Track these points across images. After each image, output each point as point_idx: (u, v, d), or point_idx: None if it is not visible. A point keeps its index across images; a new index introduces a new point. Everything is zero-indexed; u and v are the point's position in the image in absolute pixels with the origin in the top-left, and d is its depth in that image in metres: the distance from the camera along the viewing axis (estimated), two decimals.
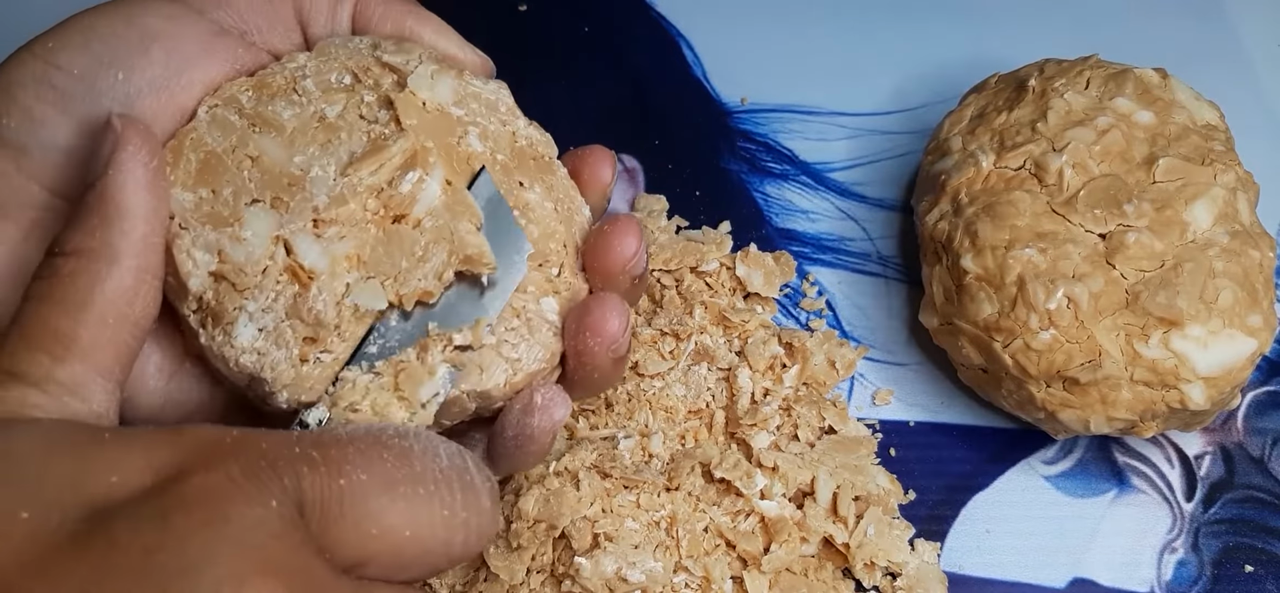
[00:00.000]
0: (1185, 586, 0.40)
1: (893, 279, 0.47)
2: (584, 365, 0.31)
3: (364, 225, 0.30)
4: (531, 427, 0.30)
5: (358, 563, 0.23)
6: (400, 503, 0.23)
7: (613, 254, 0.32)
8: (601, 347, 0.31)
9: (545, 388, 0.31)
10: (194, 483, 0.21)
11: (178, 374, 0.31)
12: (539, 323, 0.31)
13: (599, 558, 0.36)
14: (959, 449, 0.43)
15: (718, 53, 0.53)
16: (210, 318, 0.29)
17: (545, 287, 0.31)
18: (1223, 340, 0.38)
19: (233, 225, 0.29)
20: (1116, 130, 0.40)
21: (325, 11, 0.33)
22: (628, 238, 0.32)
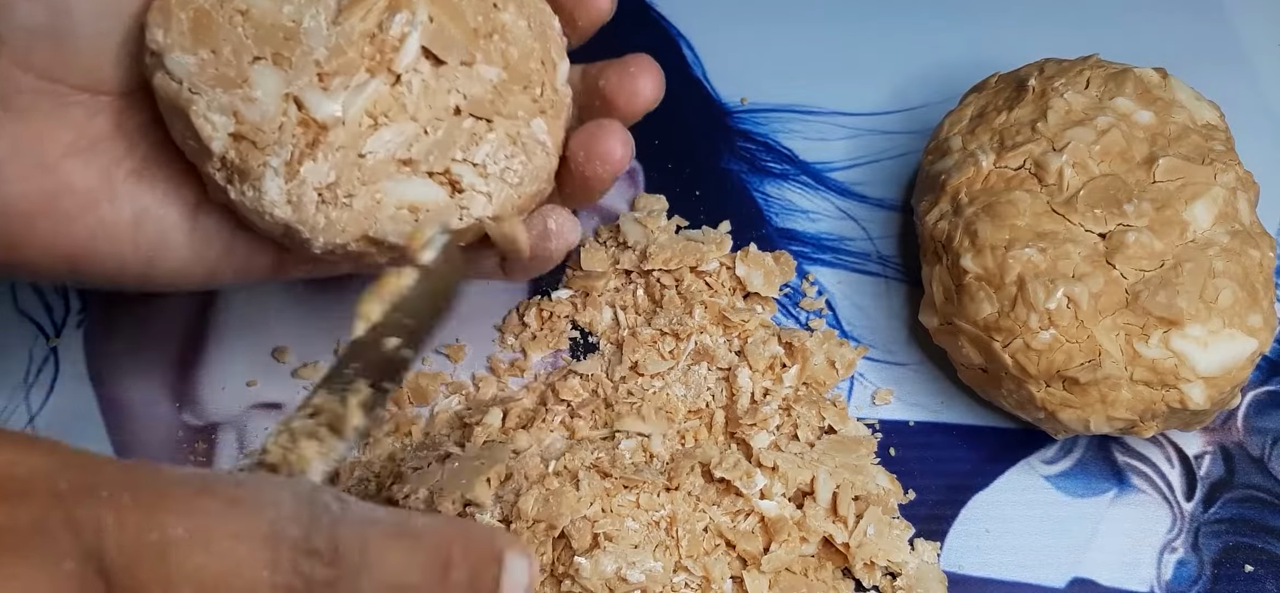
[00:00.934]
0: (1185, 585, 0.40)
1: (893, 279, 0.47)
2: (590, 187, 0.34)
3: (362, 72, 0.32)
4: (549, 250, 0.34)
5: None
6: (219, 561, 0.20)
7: (636, 98, 0.34)
8: (609, 172, 0.34)
9: (556, 212, 0.34)
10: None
11: (198, 225, 0.32)
12: (533, 146, 0.33)
13: (599, 558, 0.36)
14: (959, 449, 0.43)
15: (718, 53, 0.53)
16: (237, 175, 0.31)
17: (532, 108, 0.33)
18: (1223, 340, 0.38)
19: (242, 86, 0.31)
20: (1116, 130, 0.40)
21: None
22: (649, 80, 0.34)
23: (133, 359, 0.44)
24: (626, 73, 0.34)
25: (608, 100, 0.35)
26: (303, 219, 0.31)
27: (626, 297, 0.45)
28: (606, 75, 0.35)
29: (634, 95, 0.34)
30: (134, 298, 0.45)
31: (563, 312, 0.45)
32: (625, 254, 0.46)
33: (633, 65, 0.35)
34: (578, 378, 0.42)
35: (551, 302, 0.45)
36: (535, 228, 0.34)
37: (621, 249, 0.46)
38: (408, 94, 0.32)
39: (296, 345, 0.44)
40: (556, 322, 0.45)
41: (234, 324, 0.45)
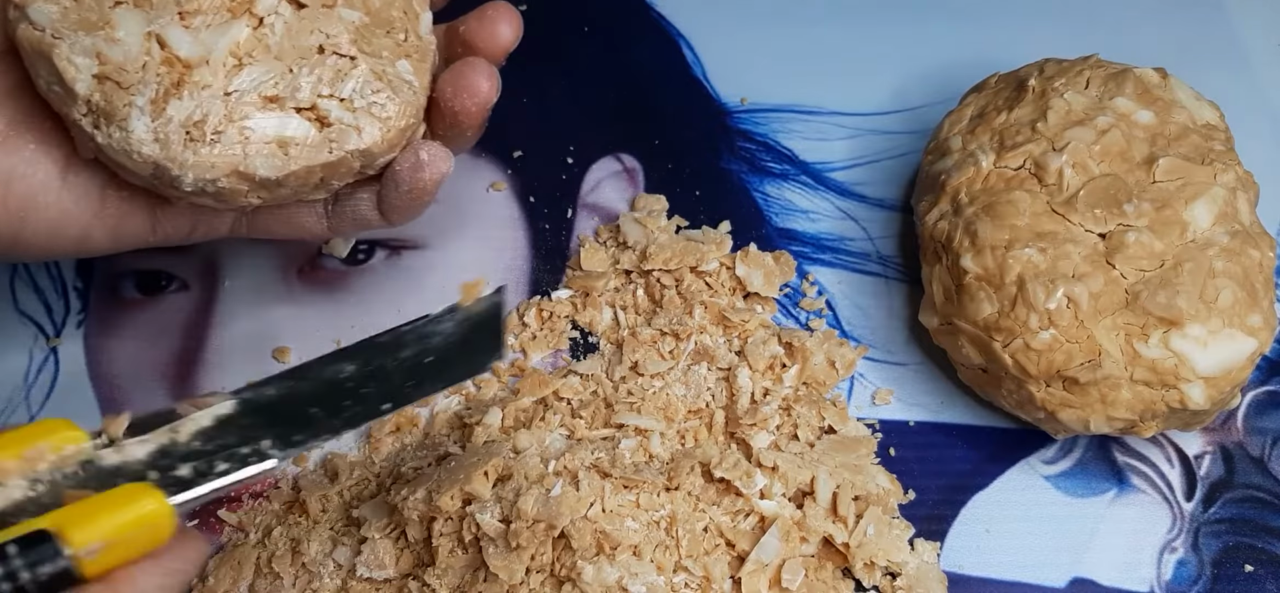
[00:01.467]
0: (1185, 585, 0.40)
1: (893, 279, 0.47)
2: (460, 122, 0.36)
3: (223, 12, 0.33)
4: (423, 180, 0.35)
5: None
6: None
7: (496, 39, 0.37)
8: (477, 105, 0.36)
9: (427, 146, 0.35)
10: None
11: (68, 184, 0.33)
12: (399, 84, 0.35)
13: (603, 566, 0.36)
14: (959, 449, 0.43)
15: (718, 53, 0.53)
16: (103, 118, 0.31)
17: (396, 51, 0.35)
18: (1222, 340, 0.38)
19: (104, 28, 0.31)
20: (1116, 130, 0.40)
21: None
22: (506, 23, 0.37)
23: (133, 359, 0.44)
24: (485, 17, 0.37)
25: (469, 45, 0.37)
26: (170, 156, 0.32)
27: (626, 297, 0.45)
28: (466, 23, 0.37)
29: (493, 37, 0.37)
30: (134, 298, 0.45)
31: (563, 312, 0.45)
32: (625, 254, 0.46)
33: (490, 10, 0.37)
34: (578, 378, 0.42)
35: (551, 302, 0.45)
36: (407, 160, 0.35)
37: (621, 249, 0.46)
38: (271, 35, 0.33)
39: (297, 345, 0.44)
40: (556, 322, 0.45)
41: (234, 324, 0.45)
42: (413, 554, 0.38)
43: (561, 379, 0.42)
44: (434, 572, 0.37)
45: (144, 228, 0.36)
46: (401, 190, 0.36)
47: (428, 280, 0.46)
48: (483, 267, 0.46)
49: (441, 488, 0.37)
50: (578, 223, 0.48)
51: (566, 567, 0.36)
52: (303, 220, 0.37)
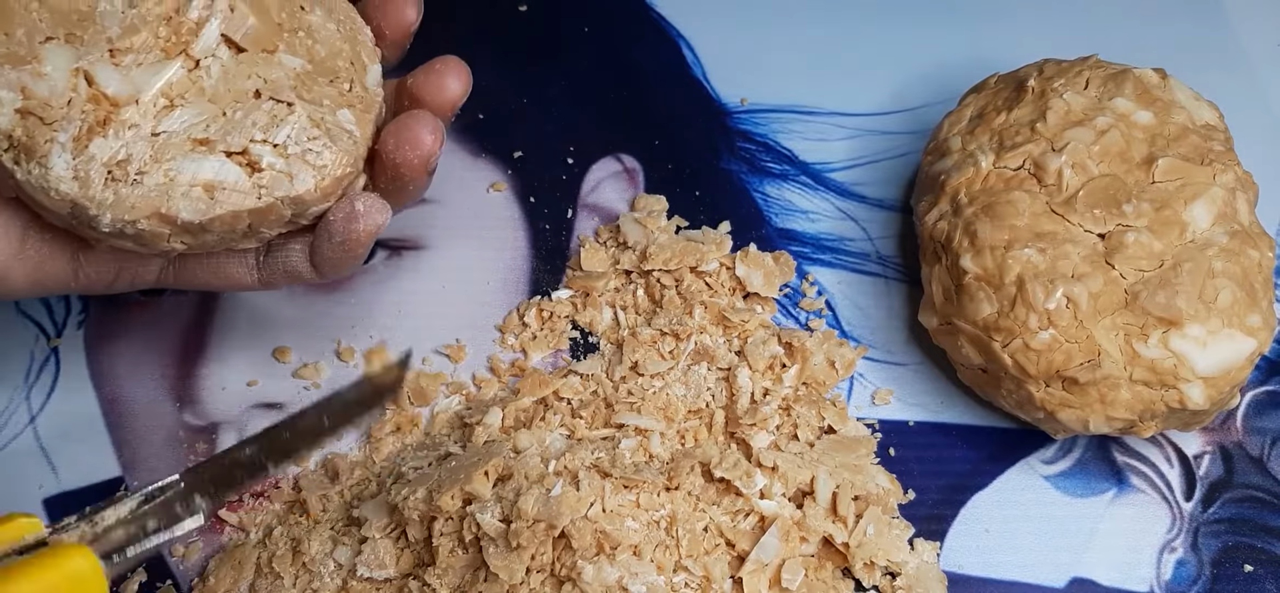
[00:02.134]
0: (1184, 585, 0.40)
1: (892, 279, 0.47)
2: (402, 176, 0.35)
3: (157, 52, 0.32)
4: (356, 232, 0.34)
5: None
6: None
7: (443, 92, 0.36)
8: (420, 159, 0.35)
9: (364, 197, 0.34)
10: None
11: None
12: (339, 132, 0.34)
13: (603, 566, 0.36)
14: (958, 449, 0.43)
15: (718, 53, 0.53)
16: (23, 154, 0.31)
17: (339, 100, 0.34)
18: (1222, 340, 0.38)
19: (31, 63, 0.31)
20: (1116, 130, 0.41)
21: None
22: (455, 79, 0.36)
23: (133, 359, 0.44)
24: (433, 71, 0.36)
25: (416, 98, 0.36)
26: (89, 195, 0.31)
27: (626, 297, 0.45)
28: (414, 76, 0.36)
29: (440, 90, 0.36)
30: (135, 299, 0.45)
31: (563, 312, 0.45)
32: (625, 254, 0.46)
33: (438, 64, 0.36)
34: (578, 378, 0.42)
35: (551, 302, 0.45)
36: (342, 211, 0.34)
37: (621, 249, 0.46)
38: (206, 78, 0.33)
39: (297, 345, 0.44)
40: (556, 322, 0.45)
41: (235, 324, 0.45)
42: (413, 554, 0.38)
43: (561, 379, 0.42)
44: (434, 572, 0.37)
45: (66, 273, 0.35)
46: (334, 242, 0.34)
47: (428, 281, 0.46)
48: (483, 266, 0.47)
49: (442, 488, 0.37)
50: (578, 223, 0.48)
51: (566, 567, 0.36)
52: (232, 271, 0.36)
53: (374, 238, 0.35)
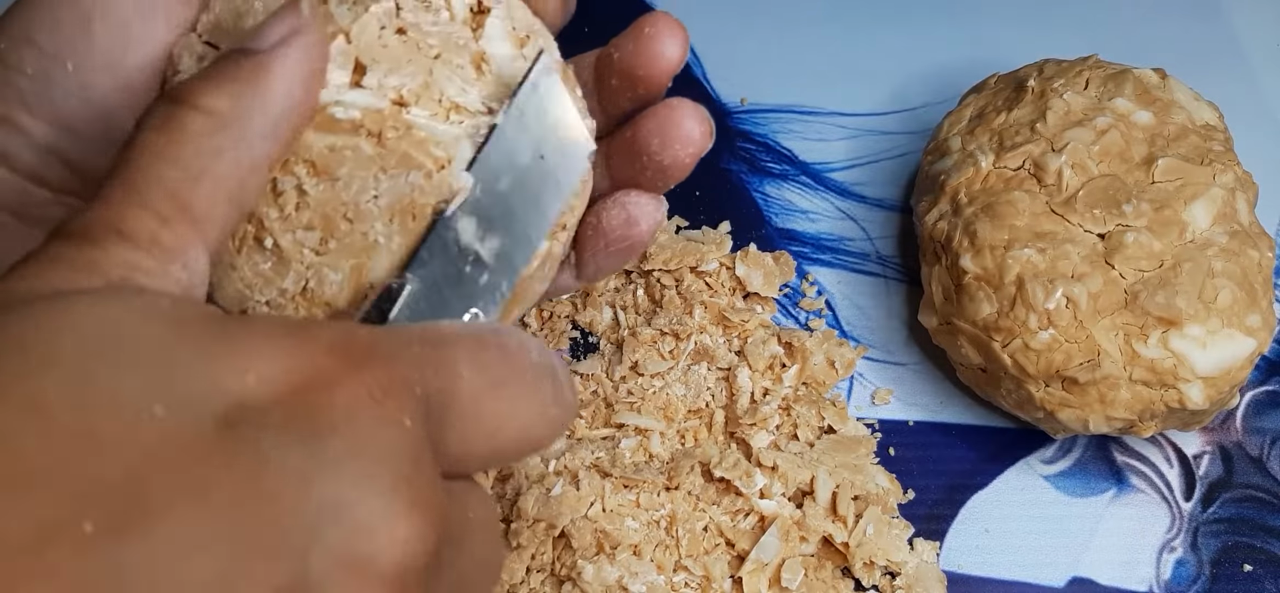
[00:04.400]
0: (1184, 585, 0.40)
1: (892, 279, 0.47)
2: (669, 177, 0.32)
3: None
4: (637, 235, 0.31)
5: (459, 460, 0.22)
6: (506, 402, 0.22)
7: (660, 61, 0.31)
8: (691, 155, 0.31)
9: (634, 198, 0.31)
10: (338, 400, 0.20)
11: None
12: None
13: (603, 565, 0.36)
14: (958, 449, 0.43)
15: (718, 53, 0.53)
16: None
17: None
18: (1221, 340, 0.38)
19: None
20: (1115, 130, 0.41)
21: None
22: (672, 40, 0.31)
23: None
24: (643, 37, 0.31)
25: (627, 73, 0.31)
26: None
27: (626, 297, 0.45)
28: (622, 48, 0.31)
29: (656, 58, 0.31)
30: None
31: (563, 312, 0.45)
32: None
33: (648, 27, 0.31)
34: (578, 378, 0.43)
35: (551, 302, 0.45)
36: (616, 217, 0.31)
37: None
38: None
39: None
40: (556, 322, 0.45)
41: None
42: None
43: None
44: None
45: None
46: (611, 251, 0.31)
47: None
48: None
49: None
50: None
51: (567, 566, 0.36)
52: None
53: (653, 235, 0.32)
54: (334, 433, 0.19)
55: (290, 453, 0.19)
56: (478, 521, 0.23)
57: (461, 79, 0.29)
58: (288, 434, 0.19)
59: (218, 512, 0.18)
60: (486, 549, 0.23)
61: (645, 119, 0.31)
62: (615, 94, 0.32)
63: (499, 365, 0.23)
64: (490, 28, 0.29)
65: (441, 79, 0.28)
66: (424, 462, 0.20)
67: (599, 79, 0.32)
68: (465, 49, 0.29)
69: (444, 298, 0.28)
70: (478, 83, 0.29)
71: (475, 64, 0.29)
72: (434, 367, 0.22)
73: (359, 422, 0.20)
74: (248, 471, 0.18)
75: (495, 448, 0.23)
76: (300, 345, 0.20)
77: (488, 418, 0.22)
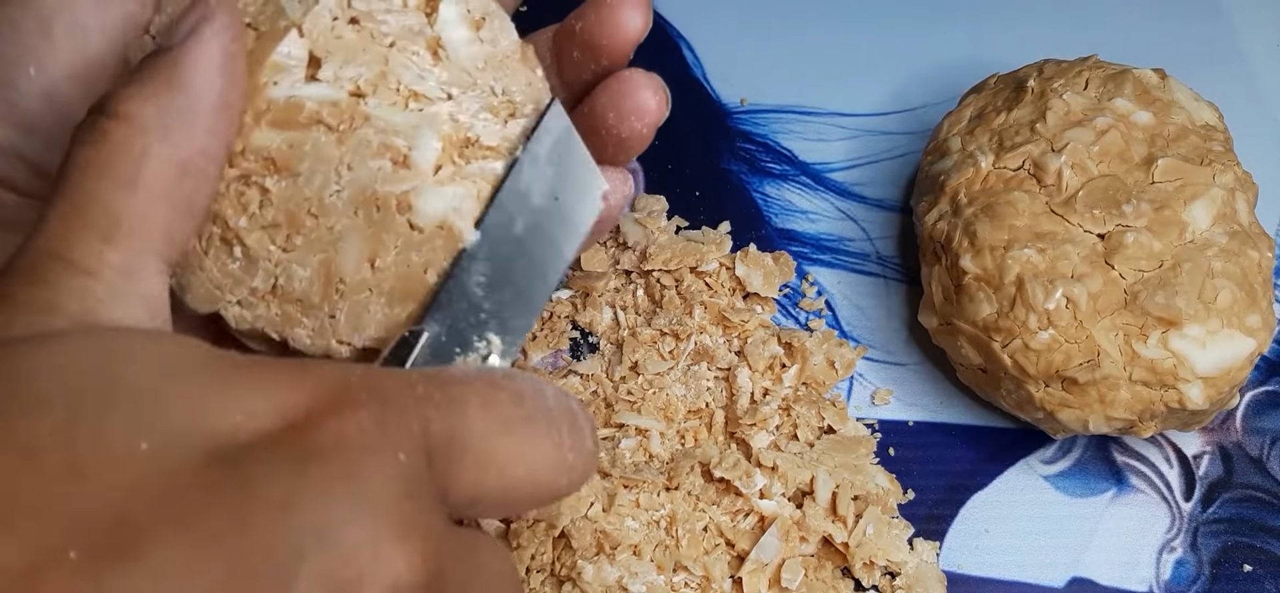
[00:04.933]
0: (1184, 585, 0.40)
1: (892, 279, 0.47)
2: (627, 148, 0.32)
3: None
4: (607, 212, 0.31)
5: (470, 503, 0.22)
6: (517, 444, 0.23)
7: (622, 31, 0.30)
8: (648, 127, 0.31)
9: (608, 173, 0.31)
10: (328, 432, 0.20)
11: None
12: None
13: (603, 565, 0.36)
14: (958, 449, 0.43)
15: (717, 53, 0.53)
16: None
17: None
18: (1221, 340, 0.38)
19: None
20: (1115, 131, 0.41)
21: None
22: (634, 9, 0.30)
23: None
24: (604, 6, 0.30)
25: (588, 43, 0.31)
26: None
27: (626, 297, 0.45)
28: (583, 18, 0.31)
29: (618, 28, 0.30)
30: None
31: (563, 312, 0.45)
32: (625, 254, 0.46)
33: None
34: (578, 378, 0.43)
35: (551, 302, 0.45)
36: None
37: (621, 249, 0.46)
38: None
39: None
40: (556, 322, 0.45)
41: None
42: None
43: (561, 379, 0.42)
44: None
45: None
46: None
47: None
48: None
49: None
50: None
51: (567, 566, 0.36)
52: None
53: (621, 211, 0.32)
54: (322, 461, 0.19)
55: (276, 482, 0.19)
56: (489, 569, 0.22)
57: (418, 66, 0.29)
58: (274, 465, 0.19)
59: (202, 540, 0.18)
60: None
61: (600, 93, 0.31)
62: (577, 67, 0.31)
63: (511, 408, 0.23)
64: (444, 12, 0.29)
65: (398, 67, 0.28)
66: (420, 496, 0.20)
67: (560, 52, 0.32)
68: (420, 35, 0.29)
69: (464, 341, 0.28)
70: (435, 69, 0.29)
71: (431, 50, 0.29)
72: (439, 407, 0.22)
73: (348, 452, 0.20)
74: (233, 500, 0.18)
75: (507, 491, 0.23)
76: (294, 384, 0.21)
77: (499, 461, 0.22)
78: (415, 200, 0.28)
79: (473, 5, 0.30)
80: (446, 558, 0.20)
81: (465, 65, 0.29)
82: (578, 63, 0.31)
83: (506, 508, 0.23)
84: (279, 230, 0.27)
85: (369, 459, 0.20)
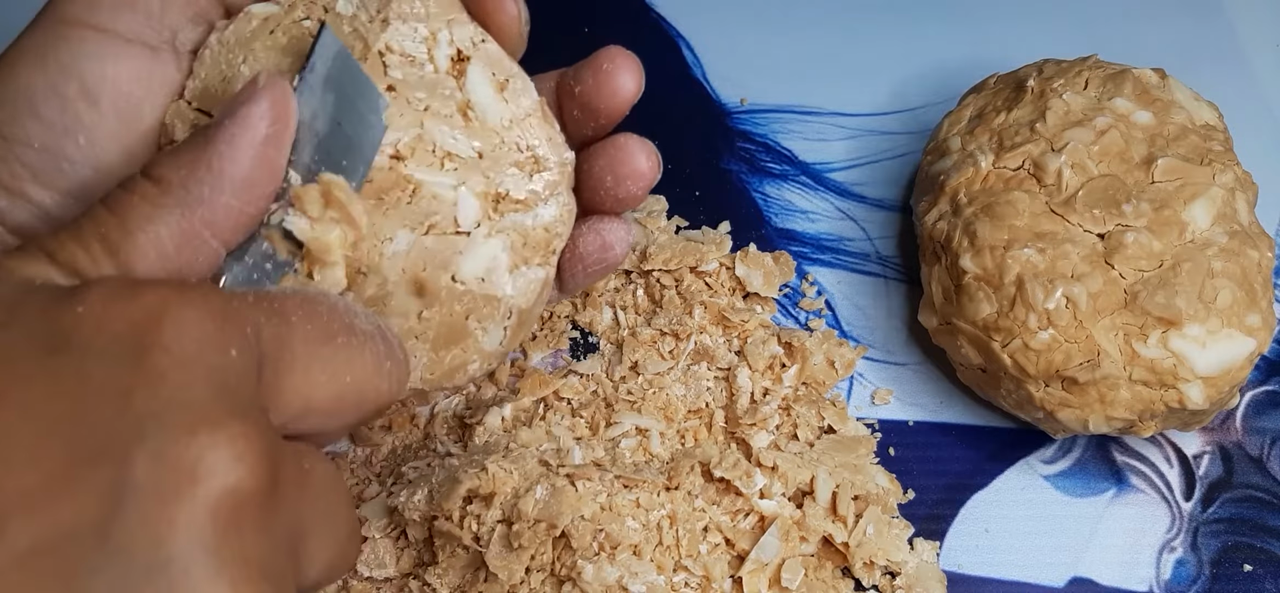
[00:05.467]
0: (1184, 585, 0.40)
1: (892, 279, 0.47)
2: (624, 207, 0.34)
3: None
4: (612, 259, 0.34)
5: (298, 414, 0.24)
6: (341, 353, 0.24)
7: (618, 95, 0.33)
8: (642, 189, 0.33)
9: (607, 224, 0.34)
10: (166, 325, 0.21)
11: None
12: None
13: (602, 565, 0.36)
14: (958, 449, 0.43)
15: (718, 53, 0.53)
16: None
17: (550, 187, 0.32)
18: (1221, 340, 0.38)
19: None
20: (1115, 130, 0.41)
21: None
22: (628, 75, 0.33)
23: None
24: (601, 70, 0.32)
25: (584, 103, 0.33)
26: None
27: (626, 297, 0.45)
28: (580, 79, 0.33)
29: (614, 92, 0.33)
30: None
31: (563, 312, 0.45)
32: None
33: (605, 61, 0.32)
34: (578, 378, 0.43)
35: (546, 306, 0.45)
36: (592, 243, 0.34)
37: None
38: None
39: None
40: (556, 322, 0.45)
41: None
42: (413, 554, 0.38)
43: (561, 379, 0.42)
44: (434, 572, 0.37)
45: None
46: (589, 272, 0.34)
47: None
48: None
49: (443, 490, 0.37)
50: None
51: (566, 567, 0.36)
52: None
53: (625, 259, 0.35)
54: (158, 351, 0.21)
55: (113, 371, 0.20)
56: (316, 474, 0.24)
57: (450, 127, 0.30)
58: (111, 355, 0.20)
59: (39, 425, 0.19)
60: (329, 503, 0.24)
61: (597, 156, 0.33)
62: (578, 124, 0.34)
63: (330, 319, 0.24)
64: (472, 75, 0.31)
65: (433, 130, 0.30)
66: (250, 390, 0.22)
67: (561, 107, 0.34)
68: (451, 99, 0.30)
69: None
70: (465, 130, 0.30)
71: (462, 112, 0.31)
72: (266, 311, 0.23)
73: (184, 343, 0.21)
74: (69, 387, 0.20)
75: (335, 396, 0.24)
76: (134, 288, 0.22)
77: (324, 365, 0.24)
78: (457, 256, 0.30)
79: (496, 69, 0.31)
80: (279, 461, 0.22)
81: (493, 125, 0.31)
82: (578, 120, 0.34)
83: (335, 417, 0.25)
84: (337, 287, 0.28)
85: (204, 351, 0.21)
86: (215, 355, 0.21)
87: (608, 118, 0.33)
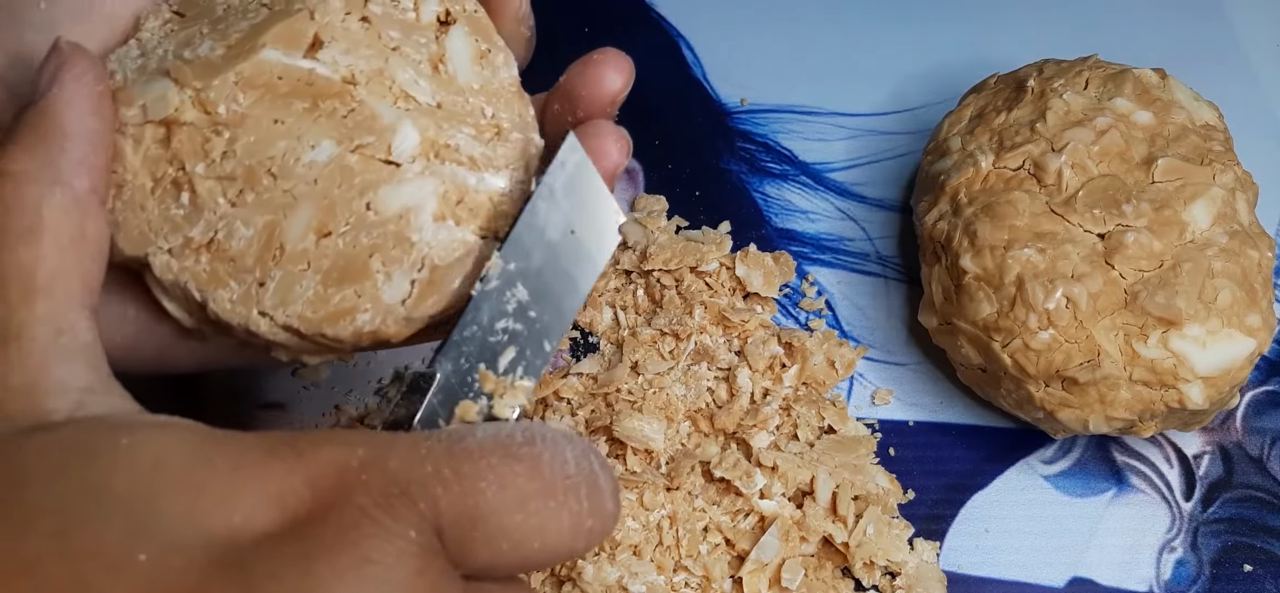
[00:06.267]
0: (1184, 585, 0.40)
1: (892, 279, 0.47)
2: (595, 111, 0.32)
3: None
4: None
5: (484, 569, 0.22)
6: (533, 519, 0.22)
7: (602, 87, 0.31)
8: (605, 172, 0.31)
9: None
10: (331, 525, 0.20)
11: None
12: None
13: (603, 565, 0.36)
14: (958, 449, 0.43)
15: (718, 53, 0.53)
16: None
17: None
18: (1221, 340, 0.38)
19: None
20: (1115, 130, 0.41)
21: None
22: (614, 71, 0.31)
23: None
24: (589, 63, 0.32)
25: (570, 95, 0.32)
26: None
27: (626, 297, 0.45)
28: (567, 72, 0.32)
29: (598, 84, 0.32)
30: None
31: None
32: (625, 254, 0.46)
33: (596, 56, 0.32)
34: (578, 378, 0.43)
35: None
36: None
37: (621, 249, 0.46)
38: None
39: None
40: None
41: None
42: None
43: (561, 379, 0.42)
44: None
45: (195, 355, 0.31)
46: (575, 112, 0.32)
47: None
48: None
49: None
50: None
51: (566, 566, 0.36)
52: None
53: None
54: (329, 555, 0.19)
55: (282, 582, 0.19)
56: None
57: (416, 72, 0.29)
58: (280, 565, 0.19)
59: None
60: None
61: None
62: (557, 118, 0.32)
63: (526, 482, 0.22)
64: (454, 34, 0.30)
65: (396, 68, 0.29)
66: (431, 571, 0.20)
67: (543, 109, 0.33)
68: (425, 48, 0.30)
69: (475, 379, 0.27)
70: (432, 80, 0.30)
71: (433, 63, 0.30)
72: (450, 485, 0.21)
73: (356, 542, 0.20)
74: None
75: (525, 559, 0.23)
76: (290, 470, 0.20)
77: (513, 536, 0.22)
78: (381, 185, 0.28)
79: (480, 37, 0.31)
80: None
81: (461, 85, 0.30)
82: (557, 115, 0.32)
83: (521, 570, 0.23)
84: (233, 183, 0.27)
85: (377, 546, 0.20)
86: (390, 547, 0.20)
87: (588, 109, 0.32)
